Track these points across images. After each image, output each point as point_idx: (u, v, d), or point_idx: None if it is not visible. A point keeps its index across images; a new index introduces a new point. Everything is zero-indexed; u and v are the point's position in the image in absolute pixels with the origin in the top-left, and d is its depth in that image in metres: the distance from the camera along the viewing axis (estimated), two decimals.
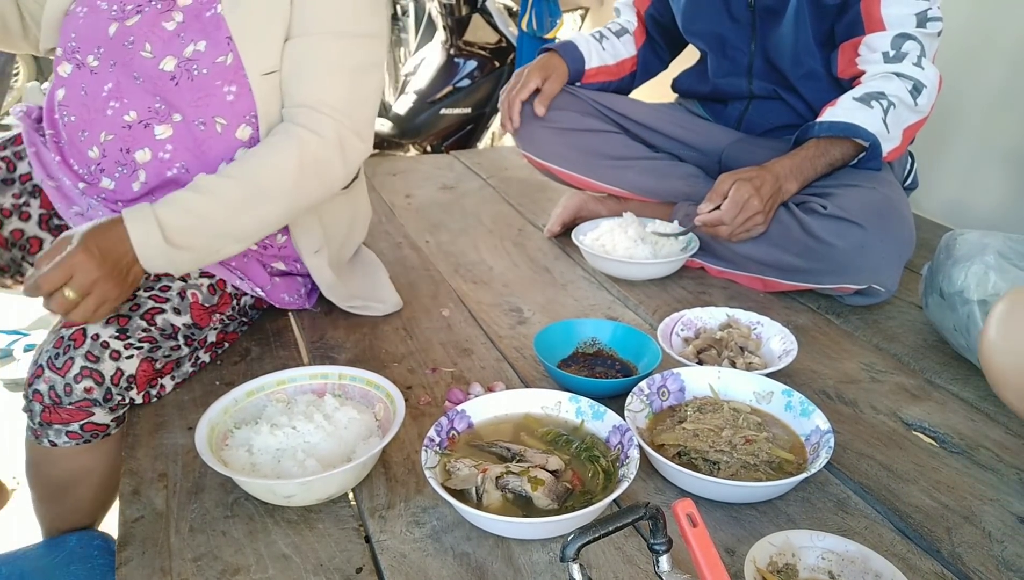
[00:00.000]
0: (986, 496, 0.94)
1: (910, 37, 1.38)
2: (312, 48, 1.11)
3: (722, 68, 1.64)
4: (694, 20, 1.64)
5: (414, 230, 1.79)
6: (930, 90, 1.39)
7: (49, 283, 0.94)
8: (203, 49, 1.09)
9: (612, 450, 0.93)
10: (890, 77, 1.38)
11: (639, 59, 1.79)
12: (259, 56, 1.10)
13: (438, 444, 0.92)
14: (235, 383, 1.03)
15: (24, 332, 2.77)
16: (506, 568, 0.82)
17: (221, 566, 0.82)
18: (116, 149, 1.12)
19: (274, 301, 1.29)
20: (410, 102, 3.07)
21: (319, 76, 1.12)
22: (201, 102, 1.11)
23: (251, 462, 0.90)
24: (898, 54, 1.38)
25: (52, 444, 1.03)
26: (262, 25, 1.10)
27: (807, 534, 0.80)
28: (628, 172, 1.66)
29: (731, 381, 1.06)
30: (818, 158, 1.42)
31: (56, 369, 0.99)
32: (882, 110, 1.36)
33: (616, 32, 1.77)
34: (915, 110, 1.39)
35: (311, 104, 1.11)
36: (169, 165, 1.12)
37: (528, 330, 1.32)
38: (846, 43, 1.45)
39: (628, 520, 0.67)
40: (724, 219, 1.38)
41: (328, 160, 1.12)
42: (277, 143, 1.09)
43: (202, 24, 1.10)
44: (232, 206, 1.05)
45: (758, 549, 0.77)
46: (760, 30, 1.55)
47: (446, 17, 3.08)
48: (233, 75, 1.10)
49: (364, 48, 1.15)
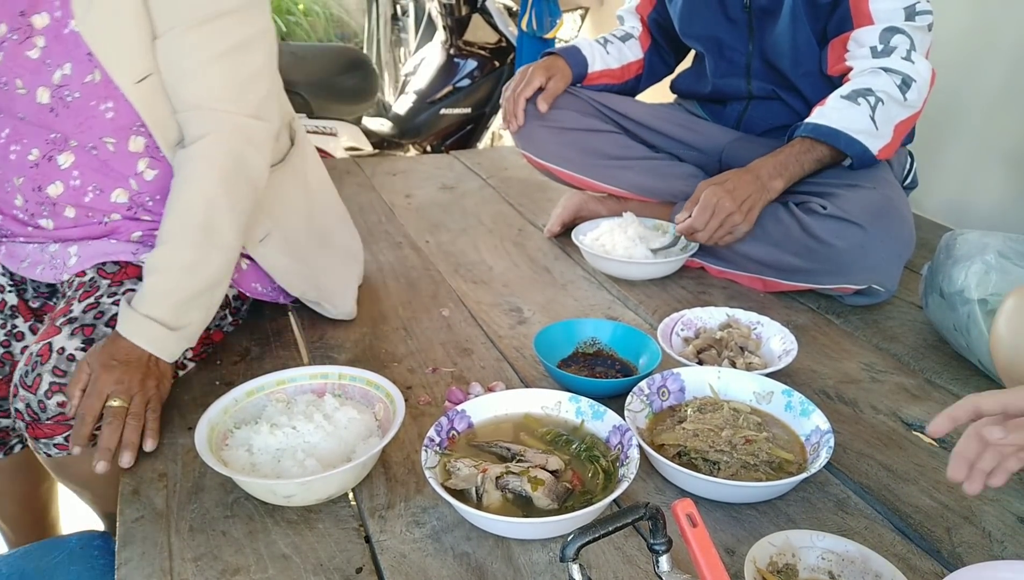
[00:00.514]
0: (986, 496, 0.94)
1: (899, 31, 1.37)
2: (179, 43, 1.06)
3: (720, 69, 1.64)
4: (691, 23, 1.64)
5: (414, 230, 1.79)
6: (920, 84, 1.37)
7: (90, 411, 0.94)
8: (70, 72, 1.04)
9: (612, 450, 0.93)
10: (878, 73, 1.37)
11: (645, 63, 1.79)
12: (126, 65, 1.04)
13: (438, 444, 0.92)
14: (235, 383, 1.03)
15: None
16: (506, 568, 0.82)
17: (221, 566, 0.82)
18: (30, 190, 1.10)
19: (246, 290, 1.25)
20: (410, 102, 3.07)
21: (195, 72, 1.06)
22: (84, 127, 1.07)
23: (251, 462, 0.90)
24: (886, 48, 1.38)
25: (48, 455, 1.03)
26: (120, 32, 1.03)
27: (807, 534, 0.80)
28: (628, 172, 1.66)
29: (731, 381, 1.06)
30: (804, 154, 1.41)
31: (27, 386, 0.99)
32: (869, 107, 1.36)
33: (621, 37, 1.78)
34: (905, 105, 1.37)
35: (197, 103, 1.07)
36: (83, 191, 1.10)
37: (528, 330, 1.32)
38: (835, 39, 1.44)
39: (628, 520, 0.67)
40: (696, 226, 1.39)
41: (239, 156, 1.08)
42: (188, 176, 1.06)
43: (63, 45, 1.04)
44: (193, 262, 1.03)
45: (758, 549, 0.77)
46: (757, 30, 1.55)
47: (446, 17, 3.08)
48: (105, 91, 1.05)
49: (233, 26, 1.08)
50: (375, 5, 4.10)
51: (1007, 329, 0.96)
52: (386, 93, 4.04)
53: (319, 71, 2.50)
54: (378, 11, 4.10)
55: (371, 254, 1.63)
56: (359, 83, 2.64)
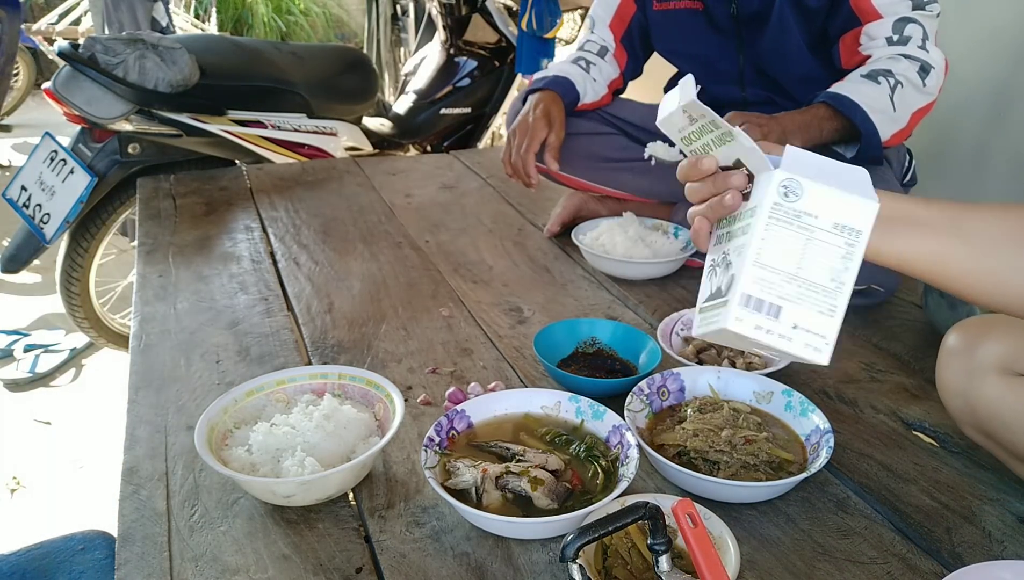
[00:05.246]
0: (986, 496, 0.94)
1: (911, 20, 1.36)
2: None
3: (711, 79, 1.63)
4: (673, 42, 1.62)
5: (414, 230, 1.79)
6: (938, 72, 1.35)
7: None
8: None
9: (612, 450, 0.93)
10: (897, 59, 1.35)
11: (624, 77, 1.75)
12: None
13: (438, 444, 0.92)
14: (235, 383, 1.03)
15: (24, 332, 2.77)
16: (506, 568, 0.82)
17: (221, 566, 0.82)
18: None
19: None
20: (410, 102, 3.06)
21: None
22: None
23: (251, 462, 0.90)
24: (901, 38, 1.36)
25: None
26: None
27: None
28: (627, 174, 1.66)
29: (731, 381, 1.06)
30: (827, 121, 1.36)
31: None
32: (889, 87, 1.33)
33: (598, 52, 1.71)
34: (924, 92, 1.35)
35: None
36: None
37: (528, 330, 1.32)
38: (846, 35, 1.42)
39: (628, 520, 0.68)
40: (749, 118, 1.31)
41: None
42: None
43: None
44: None
45: None
46: (747, 39, 1.53)
47: (446, 17, 3.08)
48: None
49: None
50: (375, 5, 4.10)
51: (942, 379, 0.97)
52: (386, 93, 4.03)
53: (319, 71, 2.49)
54: (378, 11, 4.10)
55: (371, 254, 1.63)
56: (359, 83, 2.64)
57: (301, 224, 1.80)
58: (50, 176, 2.16)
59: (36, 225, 2.16)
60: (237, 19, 6.41)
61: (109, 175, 2.17)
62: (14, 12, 3.79)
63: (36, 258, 2.28)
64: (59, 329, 2.77)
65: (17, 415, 2.35)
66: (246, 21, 6.44)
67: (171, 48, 2.10)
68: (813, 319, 0.69)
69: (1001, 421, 0.88)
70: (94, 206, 2.21)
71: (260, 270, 1.55)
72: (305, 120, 2.44)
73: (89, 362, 2.66)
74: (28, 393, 2.48)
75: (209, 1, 5.44)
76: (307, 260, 1.60)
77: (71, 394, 2.49)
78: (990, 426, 0.90)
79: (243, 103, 2.27)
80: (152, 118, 2.13)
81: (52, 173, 2.15)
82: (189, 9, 5.28)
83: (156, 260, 1.59)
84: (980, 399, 0.89)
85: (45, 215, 2.14)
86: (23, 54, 5.00)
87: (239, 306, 1.40)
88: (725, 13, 1.52)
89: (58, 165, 2.15)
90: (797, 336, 0.70)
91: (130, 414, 1.08)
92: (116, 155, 2.16)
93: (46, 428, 2.30)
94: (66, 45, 2.04)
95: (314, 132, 2.47)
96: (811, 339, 0.70)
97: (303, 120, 2.43)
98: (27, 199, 2.19)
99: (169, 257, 1.60)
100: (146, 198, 1.95)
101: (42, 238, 2.15)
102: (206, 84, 2.18)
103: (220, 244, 1.68)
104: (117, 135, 2.15)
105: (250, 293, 1.45)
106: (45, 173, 2.17)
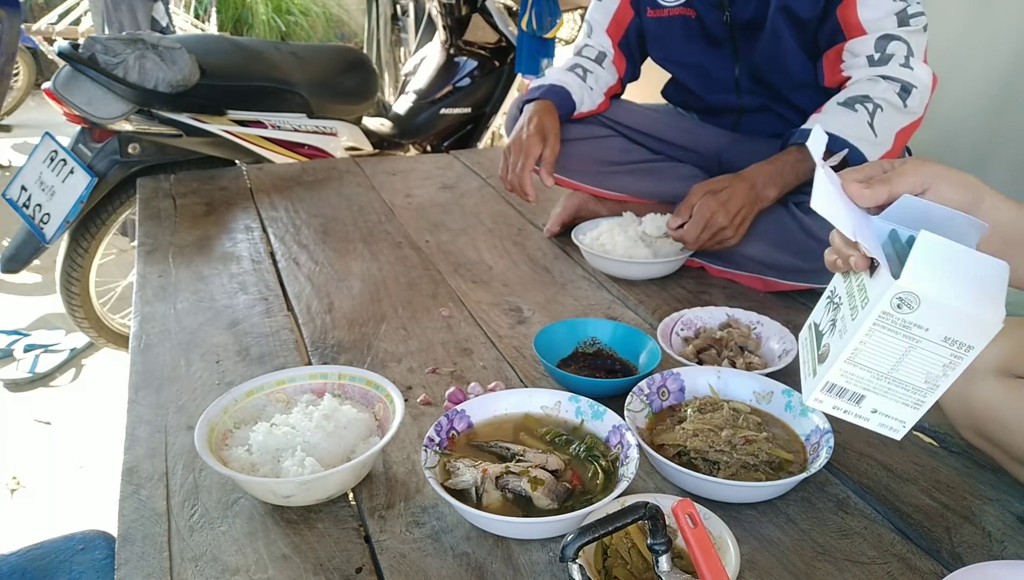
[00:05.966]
0: (986, 496, 0.94)
1: (894, 38, 1.35)
2: None
3: (707, 87, 1.63)
4: (668, 50, 1.62)
5: (414, 230, 1.79)
6: (921, 90, 1.35)
7: None
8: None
9: (612, 450, 0.93)
10: (876, 80, 1.35)
11: (623, 82, 1.75)
12: None
13: (438, 444, 0.92)
14: (235, 383, 1.03)
15: (24, 332, 2.77)
16: (506, 568, 0.82)
17: (221, 566, 0.82)
18: None
19: None
20: (410, 102, 3.06)
21: None
22: None
23: (251, 462, 0.90)
24: (883, 56, 1.36)
25: None
26: None
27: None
28: (627, 177, 1.66)
29: (731, 381, 1.06)
30: (800, 164, 1.39)
31: None
32: (867, 113, 1.33)
33: (595, 58, 1.70)
34: (906, 112, 1.35)
35: None
36: None
37: (528, 330, 1.32)
38: (829, 51, 1.42)
39: (628, 520, 0.68)
40: (686, 238, 1.40)
41: None
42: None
43: None
44: None
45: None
46: (741, 46, 1.53)
47: (446, 17, 3.08)
48: None
49: None
50: (375, 5, 4.10)
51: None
52: (386, 93, 4.03)
53: (319, 71, 2.49)
54: (378, 11, 4.10)
55: (371, 254, 1.63)
56: (359, 83, 2.63)
57: (301, 224, 1.80)
58: (50, 176, 2.16)
59: (36, 225, 2.16)
60: (237, 19, 6.42)
61: (109, 175, 2.17)
62: (14, 12, 3.79)
63: (36, 258, 2.28)
64: (59, 329, 2.77)
65: (17, 415, 2.35)
66: (246, 21, 6.44)
67: (171, 48, 2.10)
68: (896, 409, 0.68)
69: (999, 423, 0.88)
70: (94, 206, 2.21)
71: (260, 270, 1.55)
72: (305, 120, 2.44)
73: (89, 362, 2.66)
74: (28, 393, 2.49)
75: (209, 1, 5.44)
76: (307, 260, 1.60)
77: (71, 394, 2.49)
78: (988, 428, 0.90)
79: (243, 103, 2.27)
80: (152, 118, 2.13)
81: (52, 173, 2.16)
82: (189, 9, 5.28)
83: (156, 260, 1.59)
84: (978, 401, 0.89)
85: (45, 215, 2.14)
86: (23, 54, 5.00)
87: (239, 306, 1.40)
88: (718, 21, 1.51)
89: (58, 165, 2.15)
90: (875, 418, 0.70)
91: (130, 414, 1.08)
92: (116, 155, 2.17)
93: (46, 428, 2.30)
94: (66, 45, 2.04)
95: (314, 132, 2.47)
96: (889, 422, 0.69)
97: (303, 120, 2.43)
98: (27, 199, 2.19)
99: (169, 257, 1.61)
100: (146, 198, 1.95)
101: (42, 238, 2.15)
102: (206, 84, 2.18)
103: (220, 244, 1.68)
104: (117, 135, 2.15)
105: (250, 293, 1.45)
106: (45, 173, 2.17)
